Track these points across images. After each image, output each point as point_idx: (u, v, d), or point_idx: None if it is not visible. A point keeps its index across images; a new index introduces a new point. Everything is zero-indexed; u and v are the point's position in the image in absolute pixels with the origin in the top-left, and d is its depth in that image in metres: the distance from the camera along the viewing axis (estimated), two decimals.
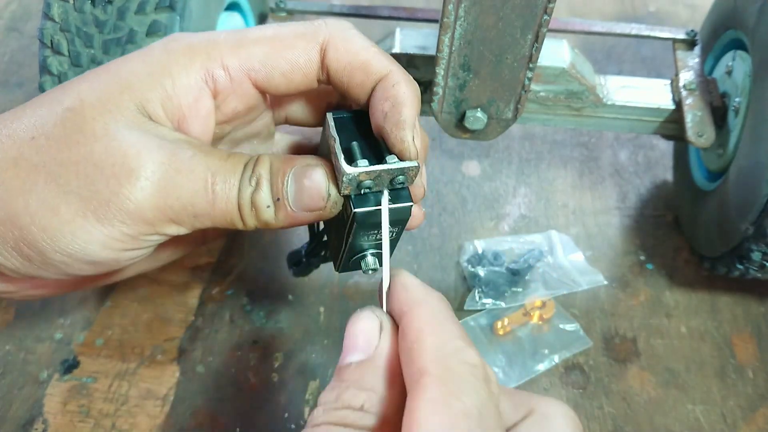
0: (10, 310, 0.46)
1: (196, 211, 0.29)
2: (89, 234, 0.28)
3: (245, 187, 0.29)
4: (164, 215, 0.29)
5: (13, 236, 0.28)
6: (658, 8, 0.76)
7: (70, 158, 0.28)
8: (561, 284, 0.49)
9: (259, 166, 0.30)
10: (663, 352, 0.46)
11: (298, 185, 0.29)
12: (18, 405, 0.41)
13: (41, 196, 0.28)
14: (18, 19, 0.70)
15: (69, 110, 0.28)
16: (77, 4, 0.38)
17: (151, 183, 0.28)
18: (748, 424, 0.43)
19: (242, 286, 0.49)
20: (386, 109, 0.29)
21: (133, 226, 0.28)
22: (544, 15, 0.35)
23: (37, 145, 0.28)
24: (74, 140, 0.28)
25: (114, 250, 0.29)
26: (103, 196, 0.28)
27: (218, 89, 0.30)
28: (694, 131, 0.45)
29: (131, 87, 0.29)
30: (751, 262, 0.42)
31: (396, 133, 0.29)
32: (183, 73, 0.29)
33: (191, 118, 0.30)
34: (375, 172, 0.28)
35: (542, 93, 0.44)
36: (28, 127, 0.28)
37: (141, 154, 0.28)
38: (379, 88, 0.30)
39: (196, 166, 0.29)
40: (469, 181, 0.57)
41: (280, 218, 0.30)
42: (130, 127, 0.28)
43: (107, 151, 0.28)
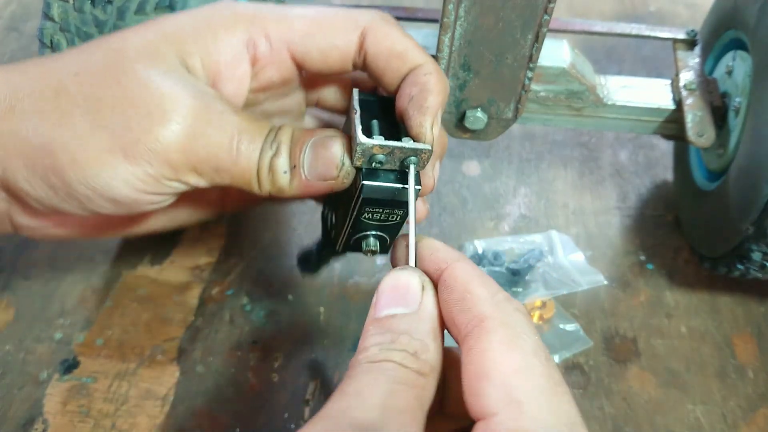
0: (10, 310, 0.46)
1: (219, 164, 0.30)
2: (114, 170, 0.29)
3: (266, 151, 0.30)
4: (188, 161, 0.30)
5: (43, 164, 0.29)
6: (659, 8, 0.76)
7: (109, 94, 0.29)
8: (561, 284, 0.49)
9: (281, 133, 0.31)
10: (663, 352, 0.46)
11: (315, 154, 0.31)
12: (18, 405, 0.41)
13: (75, 129, 0.29)
14: (18, 19, 0.70)
15: (114, 50, 0.30)
16: (77, 4, 0.38)
17: (181, 127, 0.29)
18: (749, 424, 0.43)
19: (242, 286, 0.49)
20: (413, 93, 0.31)
21: (158, 166, 0.29)
22: (544, 15, 0.35)
23: (79, 80, 0.29)
24: (115, 79, 0.29)
25: (136, 189, 0.30)
26: (133, 134, 0.29)
27: (257, 56, 0.32)
28: (695, 131, 0.45)
29: (175, 38, 0.30)
30: (751, 262, 0.42)
31: (417, 116, 0.30)
32: (226, 34, 0.31)
33: (227, 78, 0.32)
34: (388, 147, 0.29)
35: (542, 93, 0.44)
36: (74, 63, 0.30)
37: (177, 98, 0.29)
38: (411, 74, 0.32)
39: (226, 122, 0.30)
40: (469, 181, 0.57)
41: (294, 185, 0.31)
42: (169, 73, 0.30)
43: (145, 92, 0.29)
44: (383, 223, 0.32)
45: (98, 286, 0.48)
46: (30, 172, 0.30)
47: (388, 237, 0.33)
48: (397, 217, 0.32)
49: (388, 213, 0.31)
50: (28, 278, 0.48)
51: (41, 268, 0.49)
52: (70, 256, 0.50)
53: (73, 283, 0.48)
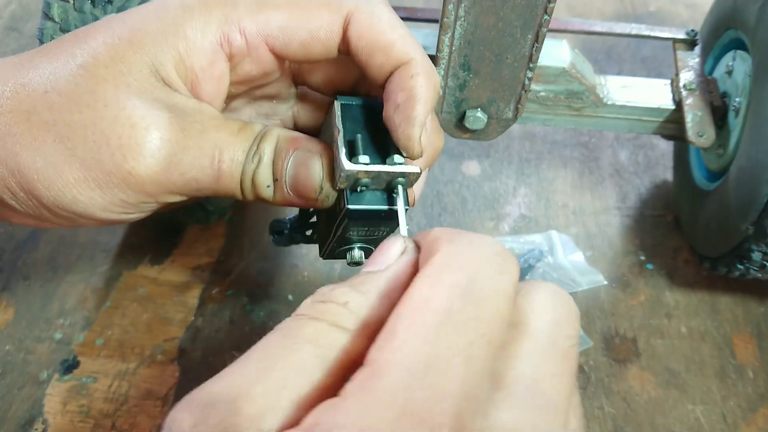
0: (10, 310, 0.46)
1: (199, 186, 0.29)
2: (90, 199, 0.29)
3: (248, 165, 0.29)
4: (165, 188, 0.29)
5: (21, 187, 0.29)
6: (658, 8, 0.76)
7: (80, 121, 0.28)
8: (561, 284, 0.49)
9: (265, 142, 0.29)
10: (663, 352, 0.46)
11: (295, 172, 0.29)
12: (18, 405, 0.41)
13: (48, 156, 0.28)
14: (18, 19, 0.70)
15: (81, 67, 0.28)
16: (77, 4, 0.38)
17: (155, 160, 0.28)
18: (749, 425, 0.43)
19: (242, 286, 0.49)
20: (399, 101, 0.29)
21: (133, 195, 0.29)
22: (544, 15, 0.35)
23: (49, 101, 0.28)
24: (84, 102, 0.28)
25: (114, 213, 0.30)
26: (105, 167, 0.28)
27: (233, 53, 0.30)
28: (695, 131, 0.45)
29: (144, 46, 0.28)
30: (751, 262, 0.42)
31: (404, 128, 0.28)
32: (198, 35, 0.29)
33: (204, 80, 0.30)
34: (374, 172, 0.28)
35: (542, 93, 0.44)
36: (43, 80, 0.28)
37: (149, 129, 0.28)
38: (397, 75, 0.29)
39: (205, 143, 0.29)
40: (469, 181, 0.57)
41: (277, 198, 0.30)
42: (141, 93, 0.28)
43: (116, 121, 0.28)
44: (369, 237, 0.31)
45: (98, 286, 0.48)
46: (11, 193, 0.29)
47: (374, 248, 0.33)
48: (383, 232, 0.31)
49: (374, 229, 0.30)
50: (28, 278, 0.48)
51: (41, 268, 0.49)
52: (70, 256, 0.50)
53: (73, 283, 0.48)
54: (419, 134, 0.28)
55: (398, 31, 0.29)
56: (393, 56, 0.29)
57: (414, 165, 0.29)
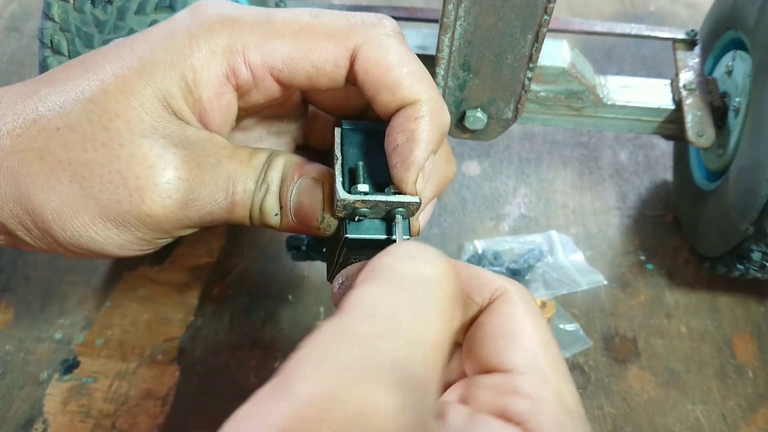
0: (10, 310, 0.46)
1: (213, 218, 0.29)
2: (106, 238, 0.29)
3: (257, 194, 0.29)
4: (181, 225, 0.29)
5: (35, 225, 0.29)
6: (658, 8, 0.76)
7: (95, 160, 0.28)
8: (561, 284, 0.49)
9: (272, 169, 0.30)
10: (663, 352, 0.46)
11: (298, 201, 0.29)
12: (18, 405, 0.41)
13: (63, 196, 0.28)
14: (18, 19, 0.70)
15: (92, 102, 0.28)
16: (77, 4, 0.38)
17: (172, 201, 0.28)
18: (748, 425, 0.43)
19: (242, 286, 0.49)
20: (399, 142, 0.28)
21: (149, 233, 0.29)
22: (544, 15, 0.35)
23: (63, 139, 0.28)
24: (99, 140, 0.28)
25: (129, 250, 0.30)
26: (123, 207, 0.28)
27: (239, 84, 0.29)
28: (694, 131, 0.45)
29: (154, 78, 0.28)
30: (751, 262, 0.42)
31: (399, 170, 0.28)
32: (204, 66, 0.28)
33: (212, 111, 0.30)
34: (372, 201, 0.27)
35: (542, 93, 0.44)
36: (54, 116, 0.28)
37: (167, 169, 0.28)
38: (401, 115, 0.28)
39: (219, 177, 0.29)
40: (469, 181, 0.57)
41: (283, 226, 0.30)
42: (154, 130, 0.28)
43: (132, 160, 0.28)
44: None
45: (98, 286, 0.48)
46: (25, 230, 0.29)
47: None
48: None
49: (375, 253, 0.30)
50: (28, 278, 0.48)
51: (41, 268, 0.49)
52: None
53: (73, 283, 0.48)
54: (414, 179, 0.28)
55: (407, 68, 0.28)
56: (398, 95, 0.28)
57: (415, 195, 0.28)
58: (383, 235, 0.29)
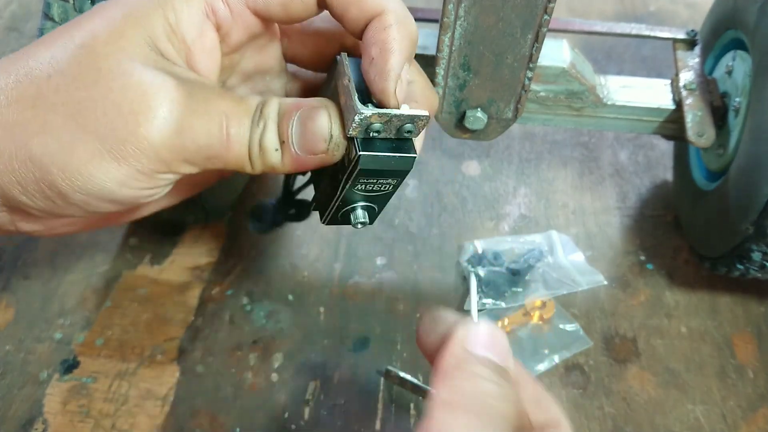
0: (10, 310, 0.46)
1: (211, 153, 0.29)
2: (106, 173, 0.28)
3: (254, 130, 0.29)
4: (179, 156, 0.29)
5: (34, 177, 0.28)
6: (658, 8, 0.76)
7: (89, 96, 0.28)
8: (561, 284, 0.49)
9: (267, 107, 0.30)
10: (663, 352, 0.46)
11: (302, 127, 0.29)
12: (18, 405, 0.41)
13: (59, 136, 0.28)
14: (18, 19, 0.70)
15: (82, 47, 0.28)
16: (77, 4, 0.38)
17: (167, 123, 0.28)
18: (749, 425, 0.43)
19: (242, 286, 0.49)
20: (373, 55, 0.29)
21: (148, 164, 0.29)
22: (544, 15, 0.35)
23: (54, 84, 0.28)
24: (91, 78, 0.28)
25: (131, 188, 0.29)
26: (120, 135, 0.28)
27: (220, 22, 0.30)
28: (695, 131, 0.45)
29: (139, 21, 0.29)
30: (751, 262, 0.42)
31: (378, 82, 0.28)
32: (184, 6, 0.29)
33: (197, 52, 0.30)
34: (387, 115, 0.28)
35: (542, 93, 0.44)
36: (44, 66, 0.28)
37: (159, 92, 0.28)
38: (371, 28, 0.29)
39: (212, 109, 0.29)
40: (469, 181, 0.57)
41: (285, 162, 0.30)
42: (145, 64, 0.28)
43: (125, 89, 0.28)
44: (374, 194, 0.31)
45: (98, 286, 0.48)
46: (23, 186, 0.29)
47: (377, 207, 0.32)
48: (390, 186, 0.31)
49: (381, 183, 0.30)
50: (28, 278, 0.48)
51: (41, 268, 0.49)
52: (70, 256, 0.50)
53: (73, 283, 0.48)
54: (393, 87, 0.28)
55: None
56: (366, 8, 0.29)
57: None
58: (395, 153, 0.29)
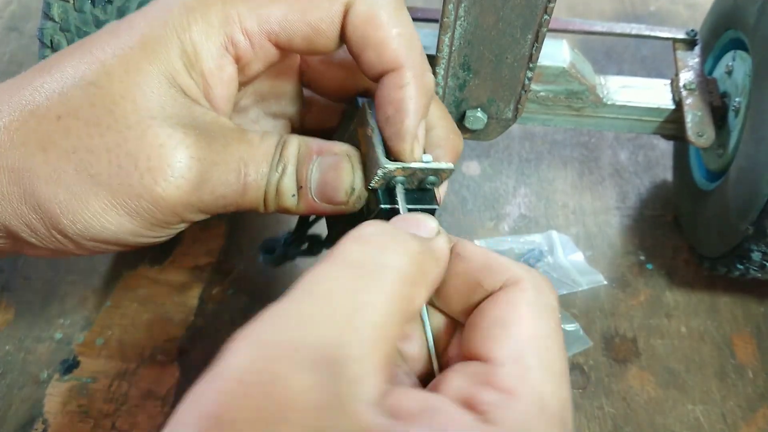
0: (11, 310, 0.46)
1: (226, 202, 0.29)
2: (119, 226, 0.28)
3: (273, 175, 0.28)
4: (195, 208, 0.28)
5: (43, 223, 0.27)
6: (659, 8, 0.76)
7: (102, 145, 0.26)
8: (561, 284, 0.49)
9: (287, 150, 0.29)
10: (663, 352, 0.46)
11: (322, 176, 0.28)
12: (18, 405, 0.41)
13: (71, 187, 0.27)
14: (18, 19, 0.70)
15: (94, 85, 0.27)
16: (77, 4, 0.38)
17: (186, 181, 0.27)
18: (749, 425, 0.43)
19: (242, 286, 0.49)
20: (389, 114, 0.28)
21: (162, 217, 0.28)
22: (544, 15, 0.35)
23: (65, 127, 0.26)
24: (105, 124, 0.26)
25: (142, 237, 0.29)
26: (135, 191, 0.27)
27: (239, 54, 0.29)
28: (694, 131, 0.45)
29: (157, 54, 0.27)
30: (751, 262, 0.42)
31: (395, 142, 0.28)
32: (203, 38, 0.28)
33: (214, 85, 0.29)
34: (411, 169, 0.28)
35: (542, 93, 0.44)
36: (53, 104, 0.27)
37: (178, 148, 0.27)
38: (387, 83, 0.28)
39: (230, 157, 0.28)
40: (469, 181, 0.57)
41: (301, 207, 0.29)
42: (162, 109, 0.27)
43: (142, 141, 0.26)
44: None
45: (98, 286, 0.48)
46: (32, 230, 0.28)
47: None
48: None
49: None
50: (28, 278, 0.48)
51: (41, 268, 0.49)
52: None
53: (73, 283, 0.48)
54: (410, 148, 0.28)
55: (395, 30, 0.28)
56: (384, 57, 0.28)
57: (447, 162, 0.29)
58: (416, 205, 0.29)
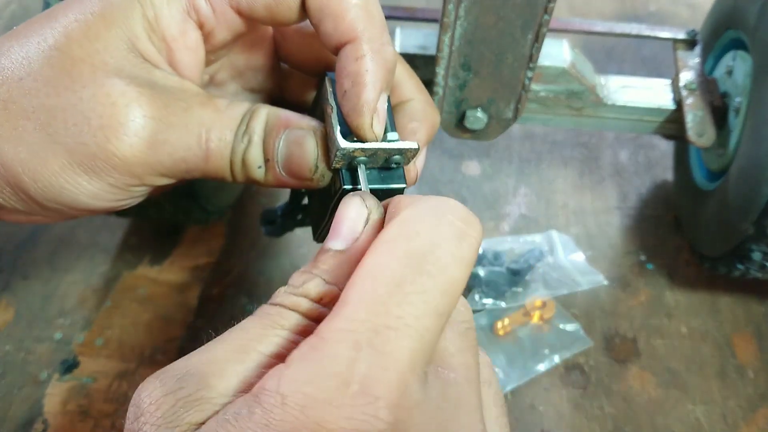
0: (10, 310, 0.46)
1: (188, 166, 0.28)
2: (77, 186, 0.27)
3: (238, 144, 0.28)
4: (153, 170, 0.28)
5: (7, 182, 0.28)
6: (659, 8, 0.76)
7: (59, 104, 0.27)
8: (561, 284, 0.49)
9: (254, 120, 0.28)
10: (663, 352, 0.46)
11: (288, 152, 0.28)
12: (18, 405, 0.41)
13: (31, 145, 0.27)
14: (18, 19, 0.70)
15: (55, 49, 0.27)
16: None
17: (139, 139, 0.27)
18: (749, 425, 0.43)
19: (242, 286, 0.49)
20: (345, 87, 0.27)
21: (120, 179, 0.28)
22: (544, 15, 0.35)
23: (26, 87, 0.27)
24: (62, 84, 0.27)
25: (103, 200, 0.29)
26: (89, 149, 0.27)
27: (202, 20, 0.29)
28: (695, 131, 0.45)
29: (116, 20, 0.27)
30: (751, 262, 0.42)
31: (353, 117, 0.27)
32: (164, 4, 0.28)
33: (178, 51, 0.29)
34: (371, 149, 0.27)
35: (542, 93, 0.44)
36: (16, 66, 0.27)
37: (130, 106, 0.27)
38: (343, 56, 0.27)
39: (190, 120, 0.27)
40: (469, 181, 0.57)
41: (269, 179, 0.29)
42: (119, 71, 0.27)
43: (95, 100, 0.26)
44: None
45: (98, 286, 0.48)
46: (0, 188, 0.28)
47: None
48: None
49: None
50: (28, 278, 0.48)
51: (41, 268, 0.49)
52: (70, 256, 0.50)
53: (73, 283, 0.48)
54: (369, 122, 0.27)
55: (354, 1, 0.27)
56: (341, 28, 0.27)
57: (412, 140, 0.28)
58: (382, 184, 0.28)
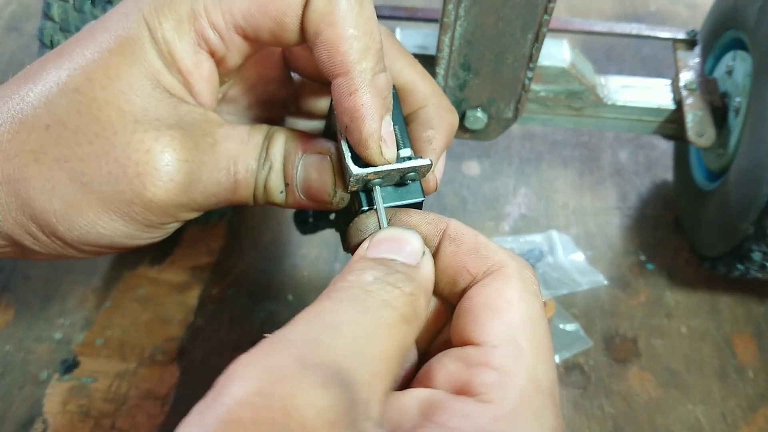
0: (10, 310, 0.46)
1: (218, 199, 0.29)
2: (114, 230, 0.28)
3: (260, 172, 0.29)
4: (187, 207, 0.29)
5: (41, 230, 0.28)
6: (659, 8, 0.76)
7: (91, 152, 0.27)
8: (561, 284, 0.49)
9: (273, 146, 0.29)
10: (663, 352, 0.46)
11: (306, 177, 0.29)
12: (18, 405, 0.41)
13: (65, 196, 0.27)
14: (18, 19, 0.70)
15: (78, 92, 0.27)
16: (77, 4, 0.38)
17: (175, 183, 0.27)
18: (749, 425, 0.43)
19: (242, 286, 0.49)
20: (346, 123, 0.27)
21: (155, 219, 0.28)
22: (544, 15, 0.35)
23: (55, 136, 0.27)
24: (92, 131, 0.27)
25: (139, 239, 0.29)
26: (125, 197, 0.27)
27: (213, 49, 0.29)
28: (695, 131, 0.45)
29: (135, 57, 0.27)
30: (751, 262, 0.42)
31: (360, 151, 0.28)
32: (176, 37, 0.28)
33: (195, 83, 0.29)
34: (383, 171, 0.28)
35: (542, 93, 0.44)
36: (40, 113, 0.27)
37: (165, 152, 0.27)
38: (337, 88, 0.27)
39: (219, 156, 0.28)
40: (469, 181, 0.57)
41: (289, 202, 0.30)
42: (146, 112, 0.27)
43: (130, 147, 0.27)
44: None
45: (98, 286, 0.48)
46: (32, 238, 0.28)
47: None
48: None
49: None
50: (28, 278, 0.48)
51: (41, 268, 0.49)
52: None
53: (73, 283, 0.48)
54: (377, 152, 0.27)
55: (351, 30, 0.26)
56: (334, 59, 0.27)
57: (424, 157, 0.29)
58: (399, 201, 0.29)
